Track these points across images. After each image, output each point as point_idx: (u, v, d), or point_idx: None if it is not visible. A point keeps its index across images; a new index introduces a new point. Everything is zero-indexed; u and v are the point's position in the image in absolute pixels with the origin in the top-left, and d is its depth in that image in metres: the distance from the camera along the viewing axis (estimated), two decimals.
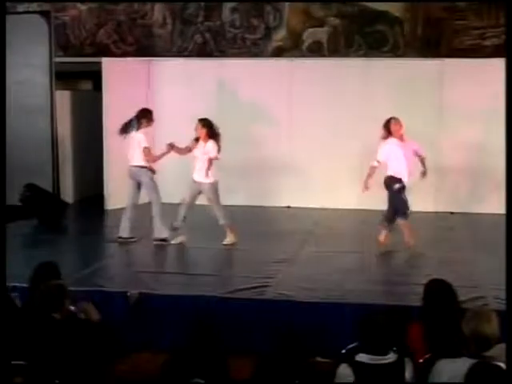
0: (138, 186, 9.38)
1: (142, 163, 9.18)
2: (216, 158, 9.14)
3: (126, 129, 9.29)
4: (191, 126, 11.85)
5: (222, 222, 9.27)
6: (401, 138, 8.76)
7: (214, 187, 9.22)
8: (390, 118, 8.78)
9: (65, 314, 4.87)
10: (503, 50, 11.54)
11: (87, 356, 4.55)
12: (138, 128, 9.22)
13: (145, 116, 9.30)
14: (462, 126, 11.32)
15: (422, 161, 8.96)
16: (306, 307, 6.65)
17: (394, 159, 8.69)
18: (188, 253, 8.86)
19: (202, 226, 10.48)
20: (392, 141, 8.70)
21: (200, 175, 9.16)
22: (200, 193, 9.28)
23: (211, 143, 9.17)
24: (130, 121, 9.26)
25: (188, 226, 9.82)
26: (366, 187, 8.76)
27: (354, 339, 4.60)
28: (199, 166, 9.17)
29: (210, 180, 9.13)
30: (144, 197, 9.71)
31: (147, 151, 9.16)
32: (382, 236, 8.86)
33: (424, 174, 8.97)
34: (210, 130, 9.24)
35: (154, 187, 9.34)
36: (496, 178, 11.36)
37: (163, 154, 9.38)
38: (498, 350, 4.27)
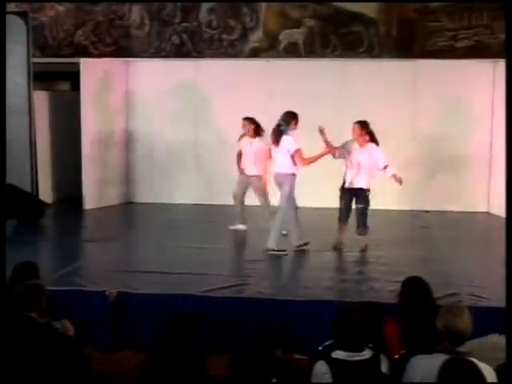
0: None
1: (289, 170, 8.71)
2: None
3: (278, 136, 8.77)
4: (168, 125, 11.93)
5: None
6: (360, 144, 8.73)
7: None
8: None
9: (42, 314, 4.85)
10: (474, 52, 11.70)
11: (61, 366, 4.51)
12: (289, 132, 8.76)
13: (294, 118, 8.84)
14: (436, 126, 11.41)
15: (393, 176, 8.84)
16: (283, 305, 6.66)
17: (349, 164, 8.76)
18: (166, 252, 8.82)
19: (180, 225, 10.52)
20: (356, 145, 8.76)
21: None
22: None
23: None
24: (279, 126, 8.80)
25: (166, 225, 9.84)
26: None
27: (330, 336, 4.62)
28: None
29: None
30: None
31: (300, 155, 8.63)
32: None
33: (400, 182, 8.90)
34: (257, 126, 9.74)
35: (291, 196, 8.88)
36: (471, 177, 11.49)
37: (319, 156, 8.83)
38: (471, 345, 4.31)
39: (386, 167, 8.77)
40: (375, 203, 9.60)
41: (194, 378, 4.35)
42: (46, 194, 11.68)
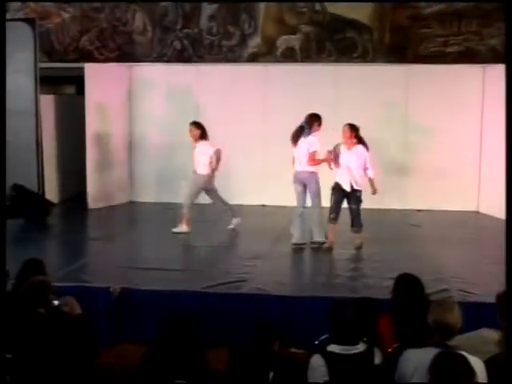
0: (305, 189, 8.99)
1: (310, 168, 8.76)
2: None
3: (297, 137, 8.83)
4: (169, 126, 11.94)
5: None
6: (348, 146, 8.68)
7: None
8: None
9: (49, 309, 4.84)
10: (464, 57, 11.72)
11: (71, 348, 4.53)
12: (310, 133, 8.79)
13: (316, 120, 8.87)
14: (428, 128, 11.41)
15: (370, 180, 8.80)
16: (280, 301, 6.66)
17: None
18: (168, 249, 8.82)
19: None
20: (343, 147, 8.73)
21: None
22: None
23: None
24: (301, 127, 8.83)
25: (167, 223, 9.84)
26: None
27: (326, 331, 4.62)
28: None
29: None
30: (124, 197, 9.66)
31: (312, 155, 8.69)
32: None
33: (374, 191, 8.82)
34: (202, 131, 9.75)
35: (319, 192, 8.88)
36: (461, 177, 11.49)
37: (323, 160, 8.82)
38: (461, 339, 4.31)
39: (367, 169, 8.71)
40: (369, 202, 9.61)
41: (194, 371, 4.35)
42: (51, 193, 11.67)
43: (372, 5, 11.96)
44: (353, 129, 8.69)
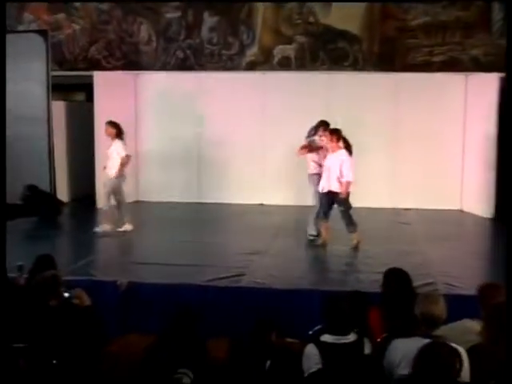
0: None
1: (311, 171, 8.91)
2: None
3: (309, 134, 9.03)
4: (172, 130, 11.95)
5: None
6: (332, 149, 8.53)
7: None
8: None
9: (60, 301, 4.84)
10: (448, 66, 11.73)
11: (80, 337, 4.52)
12: (316, 137, 8.91)
13: (321, 125, 8.93)
14: (415, 132, 11.41)
15: (342, 183, 8.47)
16: (277, 293, 6.66)
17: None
18: (171, 246, 8.81)
19: (184, 222, 10.51)
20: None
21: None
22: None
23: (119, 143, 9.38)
24: (311, 130, 8.98)
25: (171, 221, 9.81)
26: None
27: (319, 322, 4.61)
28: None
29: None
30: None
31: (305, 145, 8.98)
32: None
33: (341, 194, 8.52)
34: (119, 130, 9.44)
35: (316, 193, 8.87)
36: (446, 178, 11.49)
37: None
38: (446, 329, 4.31)
39: (342, 175, 8.44)
40: (362, 202, 9.64)
41: (195, 360, 4.34)
42: (62, 193, 11.67)
43: (362, 17, 11.98)
44: (332, 133, 8.56)
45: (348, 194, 8.55)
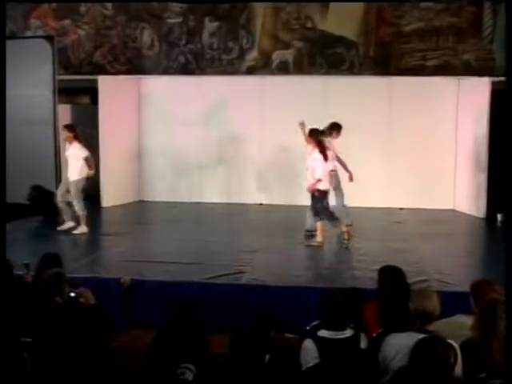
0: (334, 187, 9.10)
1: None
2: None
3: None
4: (175, 133, 11.95)
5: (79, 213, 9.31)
6: (311, 149, 8.61)
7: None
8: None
9: (65, 298, 4.83)
10: (441, 70, 11.73)
11: (86, 334, 4.52)
12: (329, 138, 8.96)
13: (334, 128, 9.05)
14: (409, 134, 11.40)
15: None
16: (276, 290, 6.66)
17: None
18: (173, 244, 8.80)
19: (185, 221, 10.51)
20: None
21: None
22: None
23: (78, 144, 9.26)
24: (321, 132, 8.87)
25: (173, 220, 9.80)
26: None
27: (316, 317, 4.61)
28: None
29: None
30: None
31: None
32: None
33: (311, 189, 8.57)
34: (75, 133, 9.29)
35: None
36: (439, 178, 11.48)
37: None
38: (439, 324, 4.31)
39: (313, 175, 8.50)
40: (358, 201, 9.64)
41: (197, 355, 4.33)
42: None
43: (358, 22, 11.96)
44: (310, 133, 8.62)
45: (323, 192, 8.50)
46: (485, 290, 4.57)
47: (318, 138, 8.55)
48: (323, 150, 8.47)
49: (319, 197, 8.50)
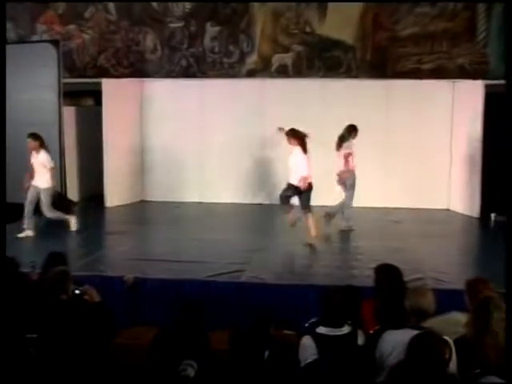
0: (345, 187, 9.40)
1: (348, 168, 9.23)
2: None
3: (341, 142, 9.32)
4: (176, 134, 11.93)
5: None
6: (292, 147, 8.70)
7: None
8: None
9: (70, 296, 4.83)
10: (436, 73, 11.74)
11: (90, 331, 4.51)
12: (348, 140, 9.26)
13: (353, 130, 9.33)
14: (405, 135, 11.39)
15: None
16: (275, 288, 6.65)
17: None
18: (175, 243, 8.79)
19: (187, 220, 10.50)
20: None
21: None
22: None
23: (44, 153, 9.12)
24: (342, 136, 9.26)
25: (174, 220, 9.77)
26: None
27: (315, 314, 4.60)
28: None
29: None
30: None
31: (346, 157, 9.26)
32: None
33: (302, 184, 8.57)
34: (41, 141, 9.12)
35: (352, 186, 9.37)
36: (434, 179, 11.47)
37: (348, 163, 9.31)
38: (434, 321, 4.31)
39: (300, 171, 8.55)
40: (355, 201, 9.60)
41: (198, 351, 4.32)
42: (73, 193, 11.64)
43: (356, 27, 11.96)
44: (288, 133, 8.69)
45: (307, 188, 8.56)
46: (479, 287, 4.56)
47: (297, 135, 8.60)
48: (304, 147, 8.56)
49: (306, 191, 8.55)
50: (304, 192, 8.52)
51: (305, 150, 8.54)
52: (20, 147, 9.63)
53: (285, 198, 8.82)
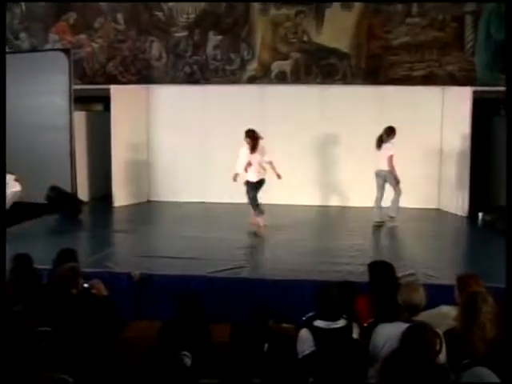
0: (383, 183, 9.61)
1: (387, 167, 9.38)
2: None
3: (380, 143, 9.50)
4: (180, 137, 11.91)
5: None
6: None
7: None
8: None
9: (80, 290, 4.82)
10: (427, 80, 11.74)
11: (98, 324, 4.50)
12: (387, 141, 9.43)
13: (392, 131, 9.50)
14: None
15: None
16: (274, 283, 6.63)
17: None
18: (179, 241, 8.77)
19: (191, 219, 10.48)
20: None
21: None
22: None
23: None
24: (381, 136, 9.47)
25: (179, 219, 9.74)
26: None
27: (312, 309, 4.59)
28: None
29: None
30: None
31: (389, 158, 9.36)
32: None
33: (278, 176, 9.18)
34: None
35: (397, 183, 9.55)
36: (425, 179, 11.44)
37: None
38: (425, 315, 4.30)
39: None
40: (351, 201, 9.60)
41: (201, 343, 4.32)
42: (83, 194, 11.63)
43: (351, 36, 11.96)
44: (246, 131, 9.05)
45: (249, 184, 9.11)
46: (469, 283, 4.56)
47: (250, 135, 8.99)
48: (254, 147, 8.97)
49: (247, 187, 9.09)
50: (247, 188, 8.94)
51: (253, 149, 8.93)
52: (34, 149, 9.64)
53: (251, 199, 9.10)
